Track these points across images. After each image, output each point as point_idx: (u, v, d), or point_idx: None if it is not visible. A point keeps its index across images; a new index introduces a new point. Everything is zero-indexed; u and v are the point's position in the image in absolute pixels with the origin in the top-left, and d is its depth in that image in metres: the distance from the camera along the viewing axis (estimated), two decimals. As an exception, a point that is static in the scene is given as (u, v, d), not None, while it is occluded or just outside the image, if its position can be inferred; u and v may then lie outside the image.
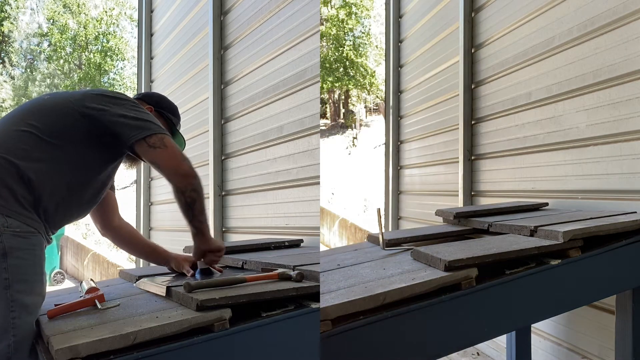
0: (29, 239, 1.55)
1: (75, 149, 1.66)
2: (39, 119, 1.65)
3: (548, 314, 1.86)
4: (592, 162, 2.55)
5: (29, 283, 1.53)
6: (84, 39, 22.32)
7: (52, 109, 1.68)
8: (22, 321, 1.48)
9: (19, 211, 1.55)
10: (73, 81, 21.79)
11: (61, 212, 1.67)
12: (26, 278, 1.52)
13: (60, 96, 1.75)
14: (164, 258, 2.07)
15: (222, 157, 4.20)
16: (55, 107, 1.69)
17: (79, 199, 1.73)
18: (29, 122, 1.63)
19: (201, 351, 1.34)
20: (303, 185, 3.22)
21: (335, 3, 22.22)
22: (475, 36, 3.79)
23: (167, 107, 2.07)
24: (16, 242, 1.51)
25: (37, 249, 1.58)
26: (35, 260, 1.56)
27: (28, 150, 1.59)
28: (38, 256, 1.57)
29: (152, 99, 2.06)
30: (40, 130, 1.62)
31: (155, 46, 5.89)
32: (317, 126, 3.25)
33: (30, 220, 1.57)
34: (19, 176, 1.56)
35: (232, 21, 4.10)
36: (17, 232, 1.52)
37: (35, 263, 1.56)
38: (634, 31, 2.29)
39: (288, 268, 1.77)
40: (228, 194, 4.14)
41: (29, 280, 1.53)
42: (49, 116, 1.66)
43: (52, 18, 22.41)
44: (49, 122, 1.64)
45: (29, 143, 1.60)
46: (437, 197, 4.45)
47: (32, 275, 1.54)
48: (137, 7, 6.24)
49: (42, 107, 1.70)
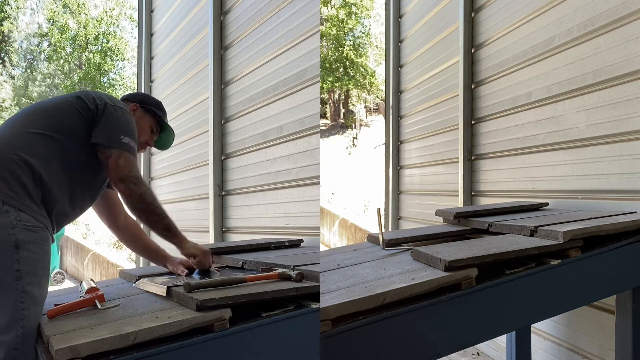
0: (38, 233, 1.59)
1: (79, 147, 1.73)
2: (44, 119, 1.71)
3: (548, 314, 1.85)
4: (592, 162, 2.55)
5: (38, 276, 1.56)
6: (84, 39, 22.32)
7: (55, 110, 1.75)
8: (30, 313, 1.51)
9: (30, 206, 1.59)
10: (73, 81, 21.78)
11: (67, 208, 1.73)
12: (35, 271, 1.56)
13: (60, 99, 1.80)
14: (162, 259, 2.11)
15: (222, 157, 4.20)
16: (57, 108, 1.75)
17: (83, 196, 1.80)
18: (36, 123, 1.70)
19: (201, 351, 1.34)
20: (303, 185, 3.22)
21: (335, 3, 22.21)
22: (475, 36, 3.79)
23: (152, 103, 2.12)
24: (27, 235, 1.55)
25: (45, 244, 1.62)
26: (44, 255, 1.60)
27: (38, 148, 1.65)
28: (46, 251, 1.62)
29: (136, 97, 2.12)
30: (47, 129, 1.69)
31: (155, 46, 5.89)
32: (317, 126, 3.25)
33: (39, 215, 1.61)
34: (31, 172, 1.61)
35: (232, 21, 4.10)
36: (29, 226, 1.56)
37: (44, 258, 1.60)
38: (634, 31, 2.29)
39: (288, 268, 1.77)
40: (228, 194, 4.14)
41: (38, 273, 1.57)
42: (54, 117, 1.73)
43: (52, 18, 22.40)
44: (54, 122, 1.71)
45: (39, 142, 1.66)
46: (437, 197, 4.45)
47: (41, 269, 1.58)
48: (137, 7, 6.24)
49: (46, 109, 1.76)
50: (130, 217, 2.13)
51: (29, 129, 1.68)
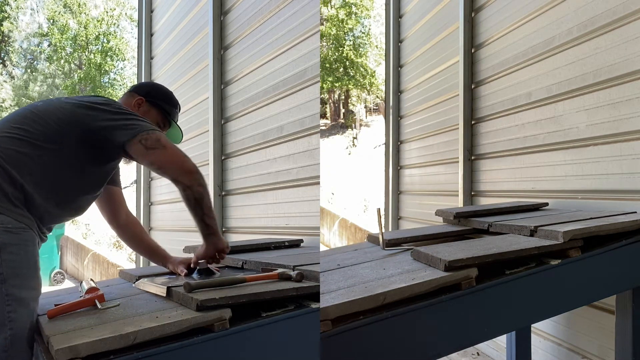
0: (20, 234, 1.56)
1: (67, 153, 1.67)
2: (31, 124, 1.66)
3: (548, 314, 1.86)
4: (592, 162, 2.55)
5: (23, 278, 1.54)
6: (84, 39, 22.31)
7: (45, 115, 1.69)
8: (17, 315, 1.50)
9: (9, 208, 1.57)
10: (73, 81, 21.77)
11: (53, 212, 1.69)
12: (20, 272, 1.53)
13: (53, 104, 1.75)
14: (162, 259, 2.09)
15: (222, 157, 4.20)
16: (48, 113, 1.69)
17: (71, 200, 1.74)
18: (21, 127, 1.65)
19: (201, 351, 1.34)
20: (303, 185, 3.22)
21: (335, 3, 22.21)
22: (475, 36, 3.79)
23: (160, 95, 2.00)
24: (8, 237, 1.53)
25: (30, 245, 1.59)
26: (28, 256, 1.57)
27: (18, 153, 1.61)
28: (30, 252, 1.58)
29: (142, 89, 2.00)
30: (31, 134, 1.64)
31: (155, 46, 5.89)
32: (317, 126, 3.25)
33: (21, 217, 1.58)
34: (9, 176, 1.58)
35: (232, 21, 4.10)
36: (9, 228, 1.54)
37: (29, 258, 1.57)
38: (634, 31, 2.29)
39: (288, 268, 1.77)
40: (228, 194, 4.14)
41: (23, 274, 1.54)
42: (41, 123, 1.67)
43: (52, 18, 22.40)
44: (40, 127, 1.66)
45: (20, 146, 1.62)
46: (437, 197, 4.45)
47: (26, 270, 1.56)
48: (137, 7, 6.24)
49: (36, 113, 1.70)
50: (132, 215, 2.12)
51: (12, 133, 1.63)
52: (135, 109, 1.90)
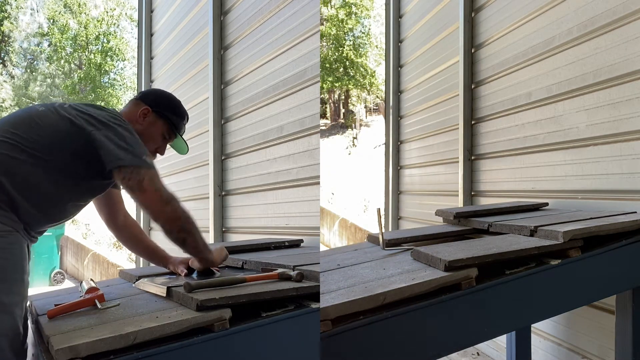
0: (6, 237, 1.51)
1: (59, 164, 1.62)
2: (26, 131, 1.61)
3: (548, 314, 1.86)
4: (592, 162, 2.55)
5: (6, 282, 1.48)
6: (84, 39, 22.31)
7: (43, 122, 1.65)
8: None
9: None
10: (73, 81, 21.77)
11: (40, 218, 1.65)
12: (4, 277, 1.48)
13: (53, 112, 1.69)
14: (162, 260, 2.08)
15: (222, 157, 4.20)
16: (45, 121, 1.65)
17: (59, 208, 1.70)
18: (16, 133, 1.61)
19: (201, 351, 1.34)
20: (303, 185, 3.22)
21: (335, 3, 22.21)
22: (475, 36, 3.79)
23: (167, 105, 1.93)
24: None
25: (16, 248, 1.53)
26: (15, 259, 1.52)
27: (9, 157, 1.57)
28: (17, 255, 1.53)
29: (148, 98, 1.92)
30: (25, 141, 1.59)
31: (155, 46, 5.89)
32: (317, 126, 3.25)
33: (6, 219, 1.54)
34: None
35: (232, 21, 4.10)
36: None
37: (16, 262, 1.52)
38: (634, 31, 2.29)
39: (288, 268, 1.77)
40: (228, 194, 4.14)
41: (7, 279, 1.48)
42: (36, 130, 1.62)
43: (52, 18, 22.40)
44: (35, 136, 1.61)
45: (12, 151, 1.58)
46: (437, 197, 4.45)
47: (12, 273, 1.50)
48: (137, 7, 6.25)
49: (34, 119, 1.66)
50: (130, 217, 2.10)
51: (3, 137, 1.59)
52: (140, 119, 1.86)
